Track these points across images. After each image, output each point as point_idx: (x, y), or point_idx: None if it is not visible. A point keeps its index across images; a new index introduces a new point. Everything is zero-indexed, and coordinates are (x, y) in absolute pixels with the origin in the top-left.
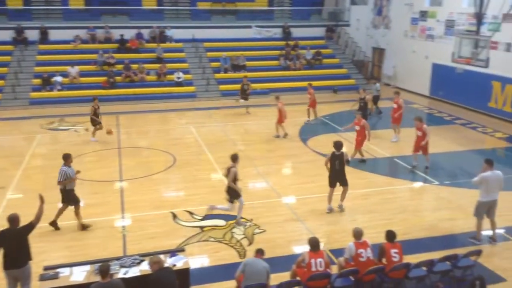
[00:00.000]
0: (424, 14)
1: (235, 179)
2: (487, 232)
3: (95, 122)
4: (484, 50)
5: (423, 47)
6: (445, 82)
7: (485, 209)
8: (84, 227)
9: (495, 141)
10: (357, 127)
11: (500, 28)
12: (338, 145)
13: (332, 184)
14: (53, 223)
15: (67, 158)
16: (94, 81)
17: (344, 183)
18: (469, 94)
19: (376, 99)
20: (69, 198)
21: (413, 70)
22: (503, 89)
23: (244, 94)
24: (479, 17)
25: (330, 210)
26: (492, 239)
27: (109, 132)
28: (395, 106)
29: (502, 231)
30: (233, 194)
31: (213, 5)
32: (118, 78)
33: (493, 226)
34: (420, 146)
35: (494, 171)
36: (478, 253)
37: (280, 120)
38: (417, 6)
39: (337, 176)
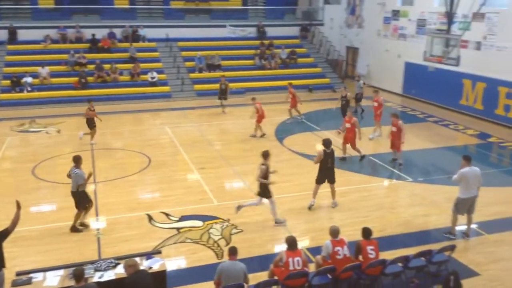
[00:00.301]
0: (396, 14)
1: (266, 176)
2: (460, 227)
3: (92, 125)
4: (454, 48)
5: (396, 46)
6: (418, 80)
7: (466, 206)
8: (76, 229)
9: (467, 138)
10: (348, 125)
11: (470, 27)
12: (327, 142)
13: (320, 181)
14: (74, 228)
15: (78, 160)
16: (65, 81)
17: (333, 181)
18: (441, 92)
19: (359, 96)
20: (81, 199)
21: (386, 69)
22: (473, 87)
23: (223, 94)
24: (449, 16)
25: (311, 206)
26: (466, 235)
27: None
28: (375, 104)
29: (475, 226)
30: (263, 191)
31: (186, 4)
32: (90, 79)
33: (469, 222)
34: (395, 142)
35: (472, 167)
36: (452, 248)
37: (259, 120)
38: (389, 6)
39: (327, 174)
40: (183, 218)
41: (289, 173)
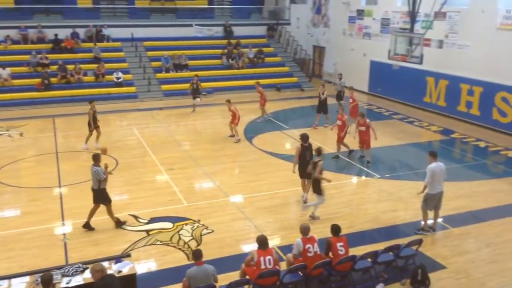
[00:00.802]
0: (361, 13)
1: (321, 172)
2: (428, 222)
3: (92, 127)
4: (418, 47)
5: (361, 45)
6: (383, 78)
7: (435, 202)
8: (120, 224)
9: (431, 134)
10: (339, 122)
11: (432, 26)
12: (304, 137)
13: (302, 175)
14: (87, 225)
15: (97, 158)
16: (28, 83)
17: (310, 176)
18: (406, 89)
19: (340, 94)
20: (102, 197)
21: (352, 68)
22: (436, 84)
23: (197, 93)
24: (412, 15)
25: (306, 200)
26: (432, 229)
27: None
28: (350, 100)
29: (440, 220)
30: (317, 188)
31: (151, 4)
32: (53, 80)
33: (436, 217)
34: (365, 140)
35: (438, 163)
36: (419, 242)
37: (234, 121)
38: (354, 5)
39: (305, 167)
40: (152, 220)
41: (259, 172)
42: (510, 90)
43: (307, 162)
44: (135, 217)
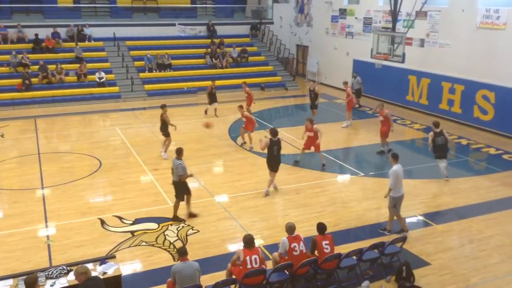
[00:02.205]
0: (343, 12)
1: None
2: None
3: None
4: (400, 46)
5: (344, 44)
6: (366, 77)
7: (401, 204)
8: (192, 215)
9: (414, 132)
10: (381, 117)
11: (413, 25)
12: (273, 132)
13: (270, 168)
14: (175, 218)
15: (180, 152)
16: (8, 83)
17: (275, 169)
18: (388, 88)
19: (359, 92)
20: (183, 189)
21: (335, 66)
22: (418, 83)
23: (213, 99)
24: (394, 14)
25: (267, 193)
26: (387, 230)
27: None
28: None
29: (424, 217)
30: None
31: (133, 2)
32: (34, 80)
33: (399, 218)
34: (314, 144)
35: (399, 165)
36: (404, 239)
37: (249, 127)
38: (336, 4)
39: (272, 161)
40: (137, 221)
41: (244, 171)
42: (490, 88)
43: (274, 157)
44: (120, 218)
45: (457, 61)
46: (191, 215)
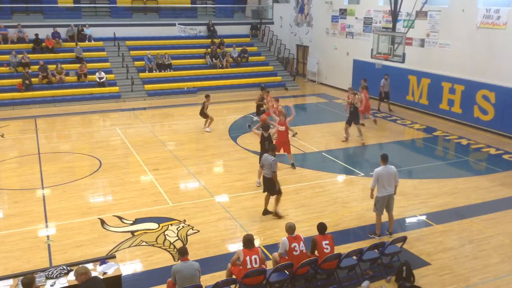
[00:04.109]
0: (343, 12)
1: None
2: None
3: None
4: (400, 46)
5: (344, 44)
6: (366, 77)
7: (384, 204)
8: (277, 215)
9: (414, 132)
10: (282, 128)
11: (413, 25)
12: (265, 126)
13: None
14: (266, 211)
15: (274, 148)
16: (8, 83)
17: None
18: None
19: (387, 95)
20: (273, 185)
21: (335, 66)
22: (419, 83)
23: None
24: (394, 14)
25: (260, 184)
26: (389, 233)
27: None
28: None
29: (424, 217)
30: None
31: (133, 2)
32: (34, 80)
33: (391, 219)
34: (283, 142)
35: (387, 166)
36: (404, 239)
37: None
38: (336, 4)
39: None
40: (137, 221)
41: (244, 171)
42: (490, 88)
43: (265, 151)
44: (120, 218)
45: (457, 61)
46: (276, 215)
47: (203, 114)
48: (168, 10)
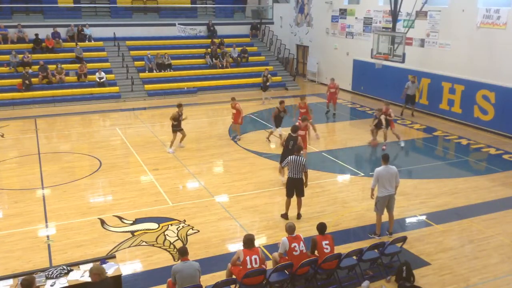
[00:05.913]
0: (343, 12)
1: None
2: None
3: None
4: (400, 46)
5: (344, 44)
6: (366, 77)
7: (385, 204)
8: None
9: (414, 132)
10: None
11: (413, 25)
12: (294, 128)
13: (282, 161)
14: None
15: (300, 148)
16: (8, 83)
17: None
18: (388, 88)
19: (413, 99)
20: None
21: (335, 66)
22: (419, 83)
23: (266, 87)
24: (394, 14)
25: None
26: (389, 232)
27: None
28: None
29: (424, 217)
30: None
31: (133, 2)
32: (34, 80)
33: (391, 219)
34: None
35: (388, 166)
36: (404, 239)
37: (236, 120)
38: (336, 4)
39: (286, 154)
40: (137, 221)
41: (244, 171)
42: (490, 88)
43: (289, 152)
44: (120, 218)
45: (457, 61)
46: (299, 217)
47: (179, 125)
48: (168, 10)
